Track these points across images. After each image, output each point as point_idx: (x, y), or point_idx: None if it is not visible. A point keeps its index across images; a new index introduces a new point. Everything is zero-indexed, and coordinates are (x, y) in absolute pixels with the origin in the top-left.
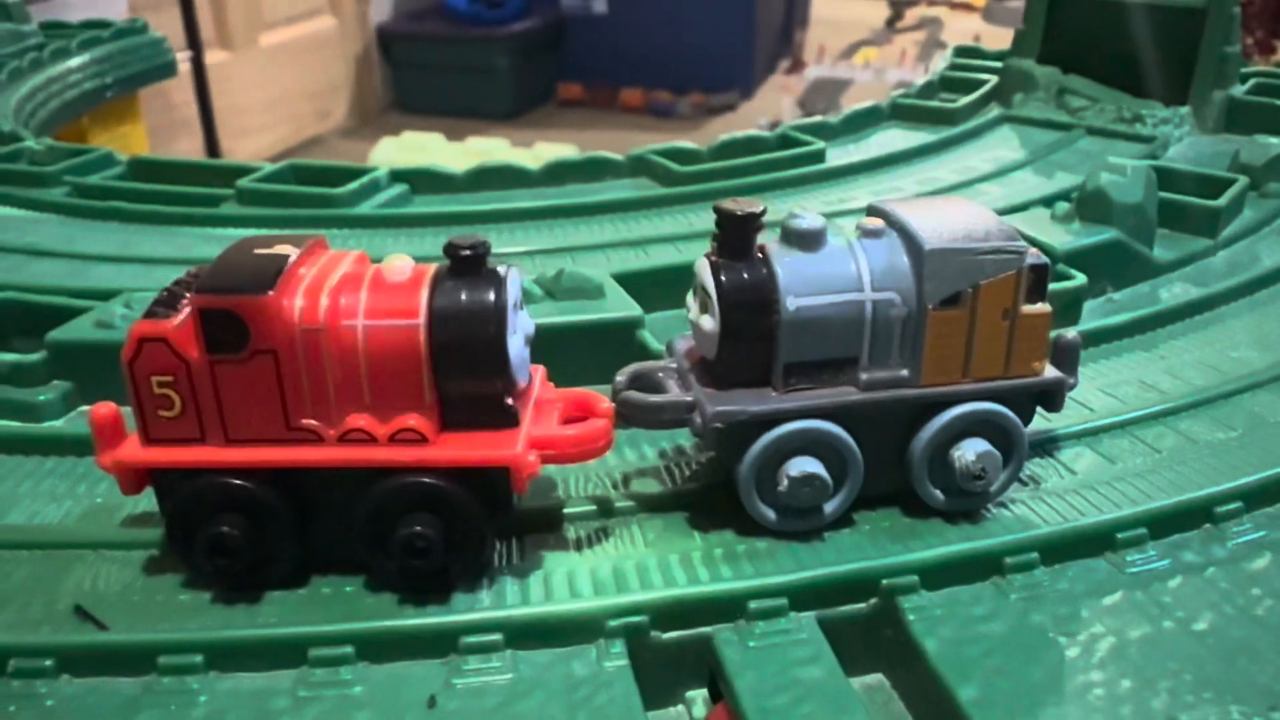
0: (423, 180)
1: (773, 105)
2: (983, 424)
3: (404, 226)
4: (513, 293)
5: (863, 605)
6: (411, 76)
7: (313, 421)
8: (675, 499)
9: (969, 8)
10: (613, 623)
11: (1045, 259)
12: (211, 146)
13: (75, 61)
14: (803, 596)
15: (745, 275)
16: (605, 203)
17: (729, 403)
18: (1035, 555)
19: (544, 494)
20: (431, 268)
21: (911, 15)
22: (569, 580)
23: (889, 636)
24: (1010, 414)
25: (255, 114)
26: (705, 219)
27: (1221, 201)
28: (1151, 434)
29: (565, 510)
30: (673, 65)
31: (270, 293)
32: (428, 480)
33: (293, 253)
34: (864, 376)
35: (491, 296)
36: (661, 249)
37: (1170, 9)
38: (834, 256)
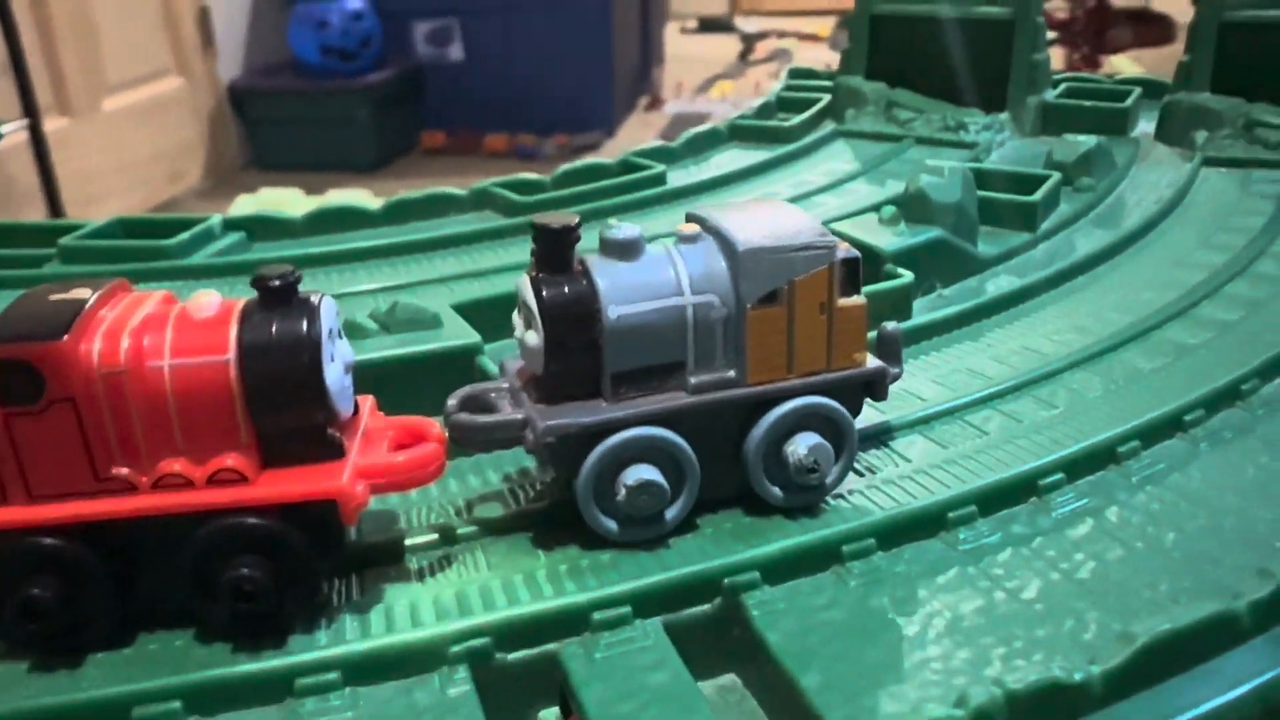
0: (259, 226)
1: (636, 142)
2: (812, 418)
3: (242, 274)
4: (328, 321)
5: (707, 606)
6: (268, 133)
7: (123, 470)
8: (519, 520)
9: (815, 38)
10: (455, 648)
11: (856, 253)
12: (56, 217)
13: None
14: (646, 603)
15: (566, 288)
16: (448, 237)
17: (559, 416)
18: (872, 541)
19: (385, 527)
20: (239, 302)
21: (762, 48)
22: (411, 610)
23: (736, 635)
24: (838, 406)
25: (103, 180)
26: None
27: (1036, 197)
28: (979, 417)
29: (407, 541)
30: (535, 108)
31: (64, 337)
32: (250, 520)
33: (90, 296)
34: (692, 380)
35: (304, 326)
36: (507, 277)
37: (980, 22)
38: (652, 264)
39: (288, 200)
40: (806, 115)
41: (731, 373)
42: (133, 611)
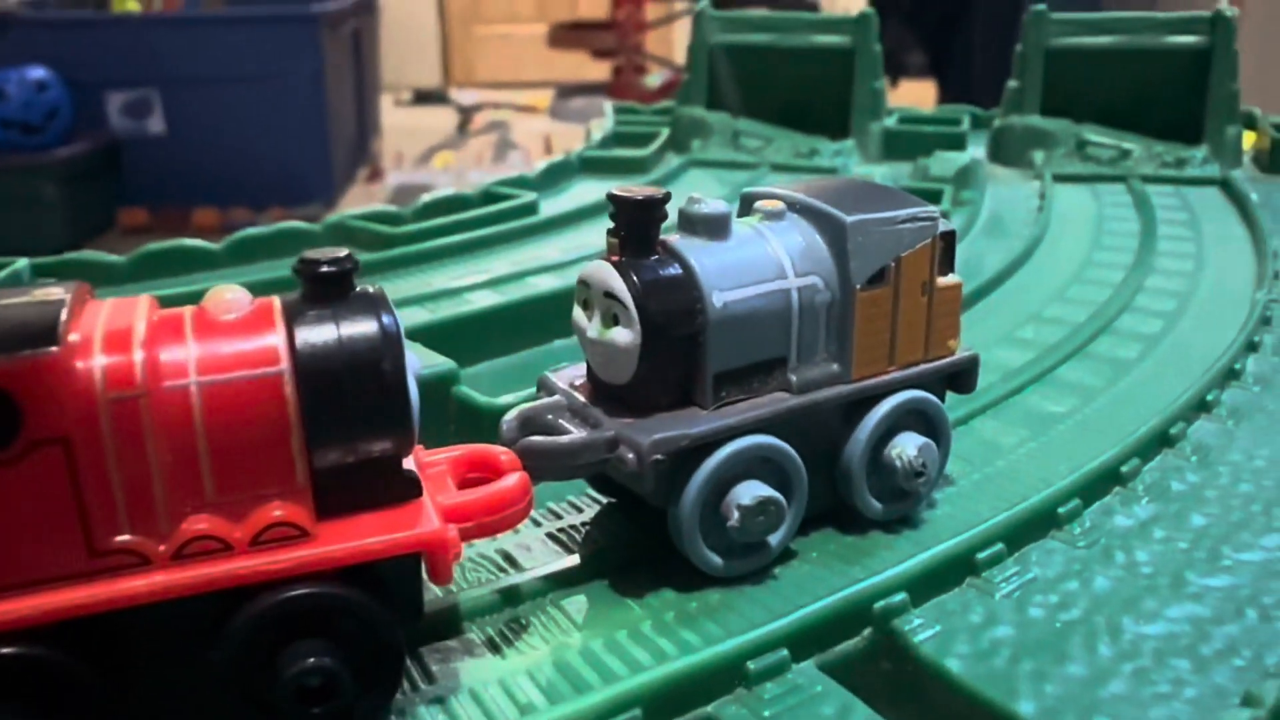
0: (76, 273)
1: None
2: (910, 415)
3: None
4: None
5: (858, 640)
6: None
7: (130, 537)
8: (586, 568)
9: (532, 110)
10: None
11: (952, 225)
12: None
13: None
14: (800, 643)
15: (660, 272)
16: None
17: (659, 429)
18: (1002, 547)
19: None
20: (274, 299)
21: (480, 120)
22: (506, 691)
23: (886, 669)
24: (936, 400)
25: None
26: (445, 277)
27: (946, 206)
28: (1011, 412)
29: (460, 606)
30: (247, 182)
31: (53, 349)
32: (314, 590)
33: (65, 295)
34: (794, 378)
35: (379, 324)
36: (409, 310)
37: (821, 51)
38: (746, 244)
39: None
40: (655, 146)
41: (835, 366)
42: None
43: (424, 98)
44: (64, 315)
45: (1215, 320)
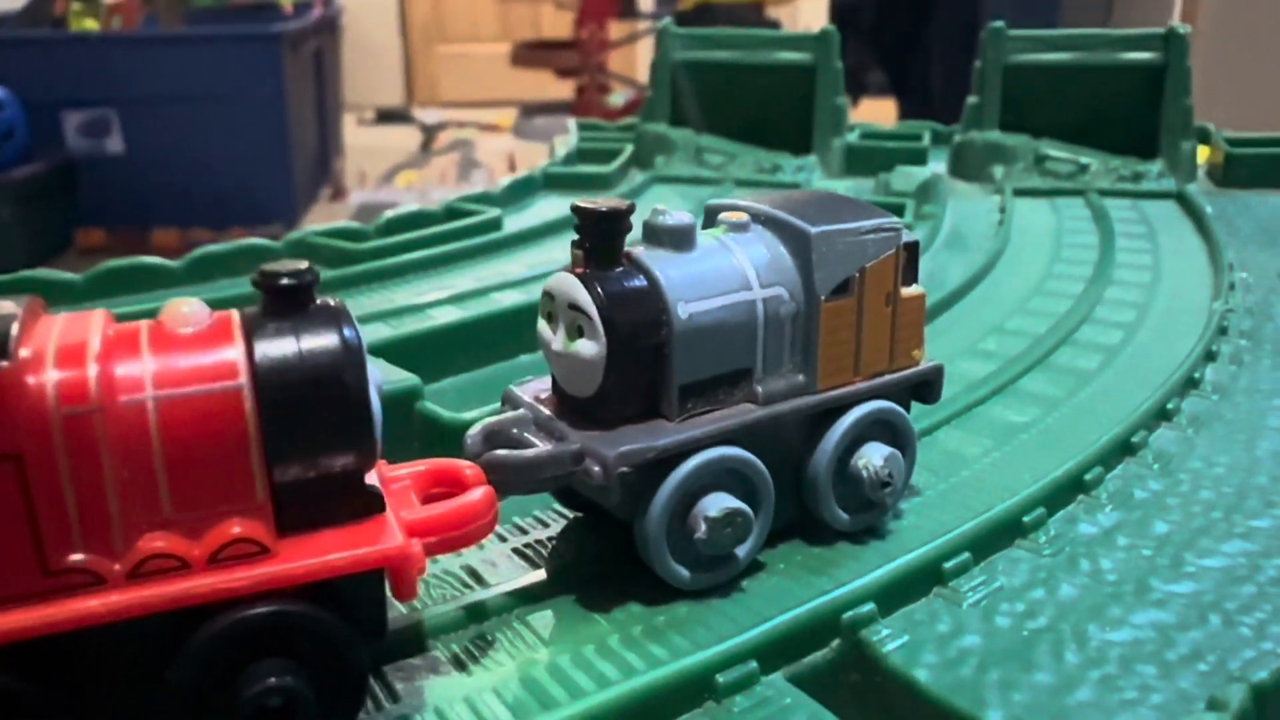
0: (32, 291)
1: None
2: (875, 426)
3: None
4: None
5: (826, 650)
6: None
7: (83, 556)
8: (552, 583)
9: (496, 129)
10: None
11: (916, 235)
12: None
13: None
14: (769, 656)
15: (625, 284)
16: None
17: (625, 442)
18: (968, 556)
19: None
20: (232, 313)
21: (443, 139)
22: (472, 710)
23: (854, 680)
24: (902, 411)
25: None
26: (408, 293)
27: (909, 219)
28: (975, 422)
29: (424, 623)
30: (207, 202)
31: (3, 364)
32: (275, 608)
33: (15, 310)
34: (760, 389)
35: (340, 337)
36: (372, 326)
37: (783, 68)
38: (710, 255)
39: None
40: (619, 162)
41: (801, 377)
42: None
43: (387, 117)
44: (14, 329)
45: (1174, 330)
